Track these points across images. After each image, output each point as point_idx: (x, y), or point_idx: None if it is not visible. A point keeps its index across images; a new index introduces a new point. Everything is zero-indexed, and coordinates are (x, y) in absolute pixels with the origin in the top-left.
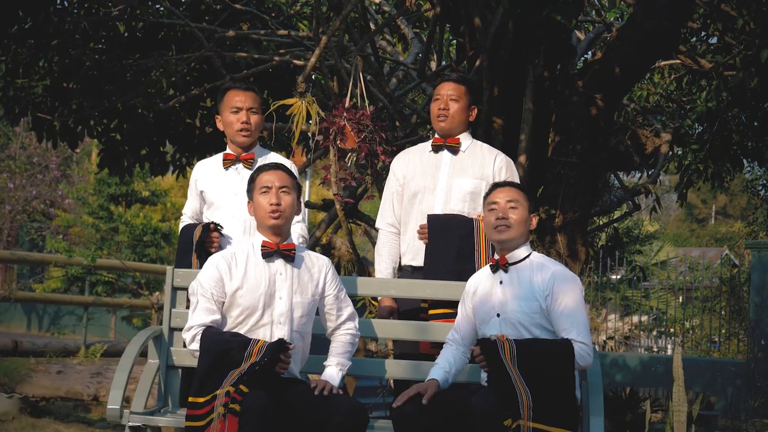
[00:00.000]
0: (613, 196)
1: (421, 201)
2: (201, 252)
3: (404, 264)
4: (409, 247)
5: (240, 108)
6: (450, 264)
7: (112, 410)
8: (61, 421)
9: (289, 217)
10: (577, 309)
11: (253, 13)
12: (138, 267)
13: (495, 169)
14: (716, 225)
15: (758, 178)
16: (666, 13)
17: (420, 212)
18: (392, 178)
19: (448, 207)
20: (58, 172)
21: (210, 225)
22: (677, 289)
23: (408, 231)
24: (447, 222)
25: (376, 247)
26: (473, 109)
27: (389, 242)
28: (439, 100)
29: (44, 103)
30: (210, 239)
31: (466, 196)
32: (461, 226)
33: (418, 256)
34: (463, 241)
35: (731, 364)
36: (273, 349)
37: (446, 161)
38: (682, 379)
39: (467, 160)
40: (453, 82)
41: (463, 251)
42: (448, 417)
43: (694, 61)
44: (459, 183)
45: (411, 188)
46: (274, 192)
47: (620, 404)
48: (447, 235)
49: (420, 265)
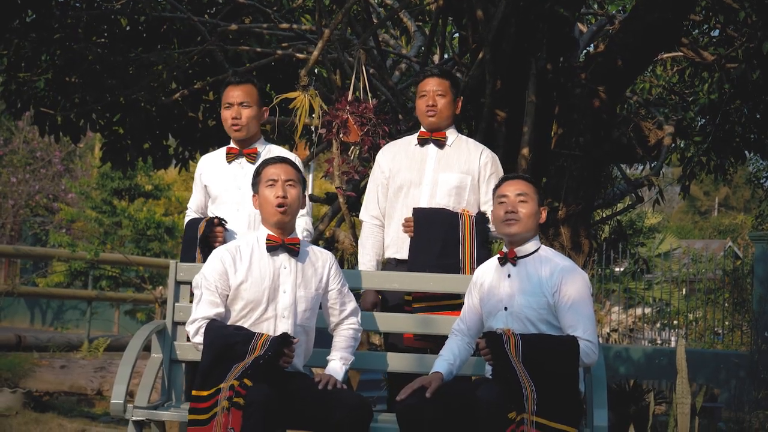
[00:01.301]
0: (616, 188)
1: (406, 194)
2: (204, 247)
3: (388, 257)
4: (393, 240)
5: (232, 104)
6: (434, 258)
7: (116, 405)
8: (65, 416)
9: (294, 212)
10: (583, 305)
11: (256, 6)
12: (141, 261)
13: (481, 164)
14: (719, 217)
15: (761, 170)
16: (668, 6)
17: (405, 206)
18: (377, 171)
19: (434, 201)
20: (61, 167)
21: (214, 220)
22: (680, 281)
23: (392, 224)
24: (432, 216)
25: (360, 240)
26: (458, 101)
27: (373, 235)
28: (425, 97)
29: (47, 98)
30: (214, 234)
31: (451, 191)
32: (446, 221)
33: (402, 249)
34: (447, 235)
35: (734, 355)
36: (277, 343)
37: (432, 155)
38: (685, 371)
39: (453, 154)
40: (437, 77)
41: (448, 245)
42: (452, 410)
43: (697, 54)
44: (445, 178)
45: (396, 181)
46: (281, 185)
47: (624, 396)
48: (432, 229)
49: (404, 258)
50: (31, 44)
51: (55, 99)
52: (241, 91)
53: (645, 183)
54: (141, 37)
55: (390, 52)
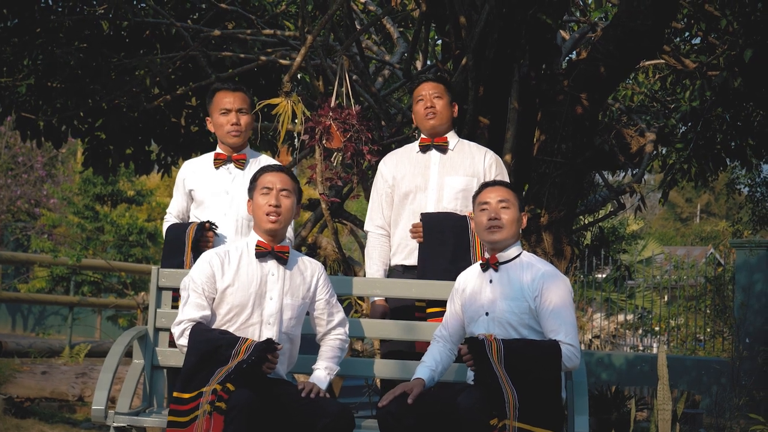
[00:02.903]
0: (598, 195)
1: (412, 200)
2: (197, 252)
3: (395, 264)
4: (400, 247)
5: (229, 109)
6: (446, 262)
7: (97, 411)
8: (46, 422)
9: (287, 221)
10: (565, 310)
11: (239, 12)
12: (123, 267)
13: (485, 165)
14: (701, 224)
15: (738, 177)
16: (650, 13)
17: (411, 211)
18: (380, 180)
19: (441, 205)
20: (43, 172)
21: (205, 224)
22: (662, 287)
23: (398, 231)
24: (441, 220)
25: (366, 250)
26: (455, 105)
27: (380, 245)
28: (423, 100)
29: (28, 102)
30: (205, 238)
31: (458, 194)
32: (456, 224)
33: (411, 256)
34: (458, 239)
35: (716, 362)
36: (260, 349)
37: (435, 160)
38: (666, 378)
39: (457, 158)
40: (432, 81)
41: (458, 249)
42: (434, 416)
43: (679, 61)
44: (450, 181)
45: (402, 189)
46: (275, 194)
47: (606, 403)
48: (442, 234)
49: (412, 264)
50: (12, 49)
51: (37, 104)
52: (238, 97)
53: (627, 190)
54: (123, 42)
55: (373, 58)
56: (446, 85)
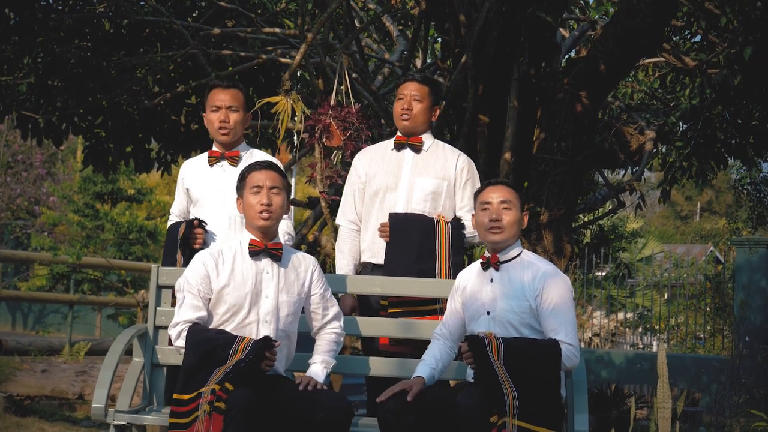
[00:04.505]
0: (598, 193)
1: (382, 199)
2: (185, 248)
3: (364, 261)
4: (369, 245)
5: (219, 107)
6: (410, 263)
7: (97, 409)
8: (46, 420)
9: (278, 218)
10: (565, 309)
11: (239, 10)
12: (123, 265)
13: (457, 169)
14: (701, 222)
15: (744, 177)
16: (649, 11)
17: (381, 210)
18: (354, 175)
19: (410, 206)
20: (43, 170)
21: (194, 221)
22: (662, 286)
23: (369, 229)
24: (408, 221)
25: (337, 244)
26: (436, 109)
27: (350, 239)
28: (402, 100)
29: (29, 101)
30: (194, 235)
31: (427, 196)
32: (422, 227)
33: (379, 254)
34: (423, 242)
35: (716, 360)
36: (258, 347)
37: (408, 160)
38: (666, 376)
39: (429, 159)
40: (417, 82)
41: (423, 251)
42: (433, 414)
43: (678, 59)
44: (421, 183)
45: (373, 186)
46: (265, 192)
47: (605, 401)
48: (408, 235)
49: (380, 263)
50: (13, 47)
51: (38, 102)
52: (229, 95)
53: (627, 188)
54: (123, 40)
55: (372, 56)
56: (431, 87)
